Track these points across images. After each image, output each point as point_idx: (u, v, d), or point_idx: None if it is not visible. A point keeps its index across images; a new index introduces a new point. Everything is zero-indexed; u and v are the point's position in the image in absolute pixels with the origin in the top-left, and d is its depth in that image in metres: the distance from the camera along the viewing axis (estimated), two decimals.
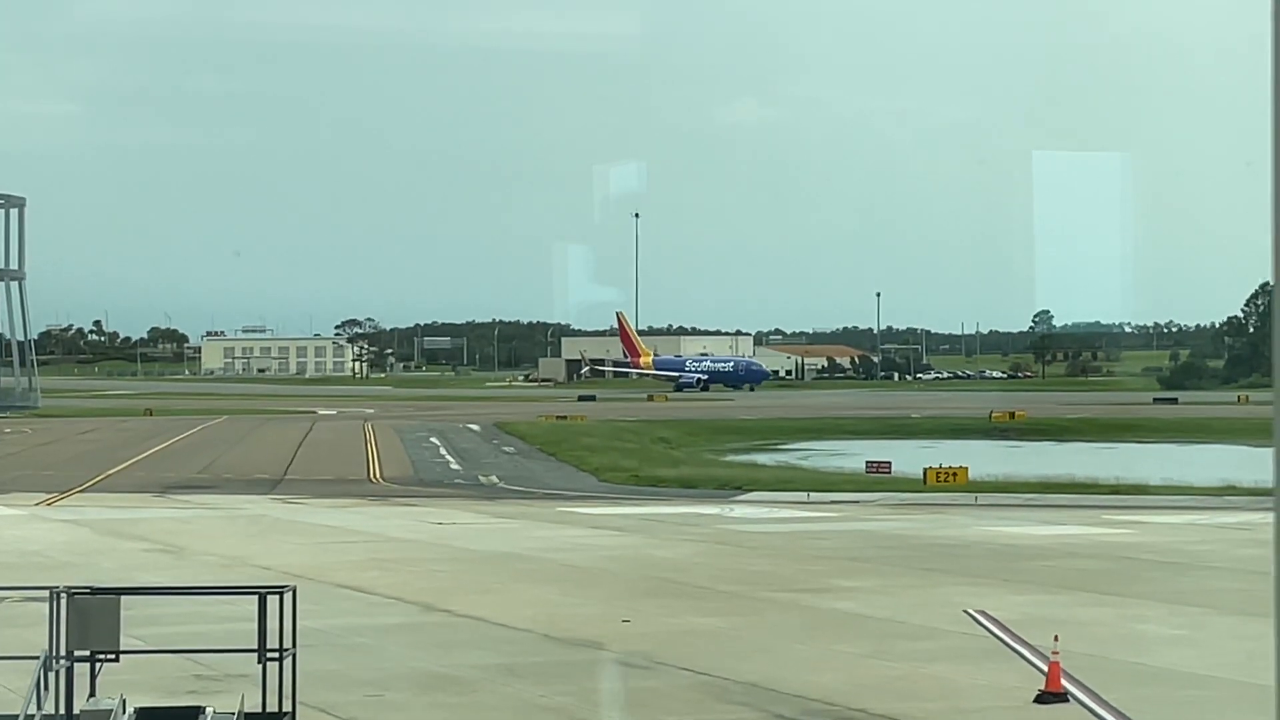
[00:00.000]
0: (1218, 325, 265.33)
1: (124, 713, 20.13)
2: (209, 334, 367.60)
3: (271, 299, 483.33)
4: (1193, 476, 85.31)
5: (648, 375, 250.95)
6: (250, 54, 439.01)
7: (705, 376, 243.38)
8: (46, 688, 20.38)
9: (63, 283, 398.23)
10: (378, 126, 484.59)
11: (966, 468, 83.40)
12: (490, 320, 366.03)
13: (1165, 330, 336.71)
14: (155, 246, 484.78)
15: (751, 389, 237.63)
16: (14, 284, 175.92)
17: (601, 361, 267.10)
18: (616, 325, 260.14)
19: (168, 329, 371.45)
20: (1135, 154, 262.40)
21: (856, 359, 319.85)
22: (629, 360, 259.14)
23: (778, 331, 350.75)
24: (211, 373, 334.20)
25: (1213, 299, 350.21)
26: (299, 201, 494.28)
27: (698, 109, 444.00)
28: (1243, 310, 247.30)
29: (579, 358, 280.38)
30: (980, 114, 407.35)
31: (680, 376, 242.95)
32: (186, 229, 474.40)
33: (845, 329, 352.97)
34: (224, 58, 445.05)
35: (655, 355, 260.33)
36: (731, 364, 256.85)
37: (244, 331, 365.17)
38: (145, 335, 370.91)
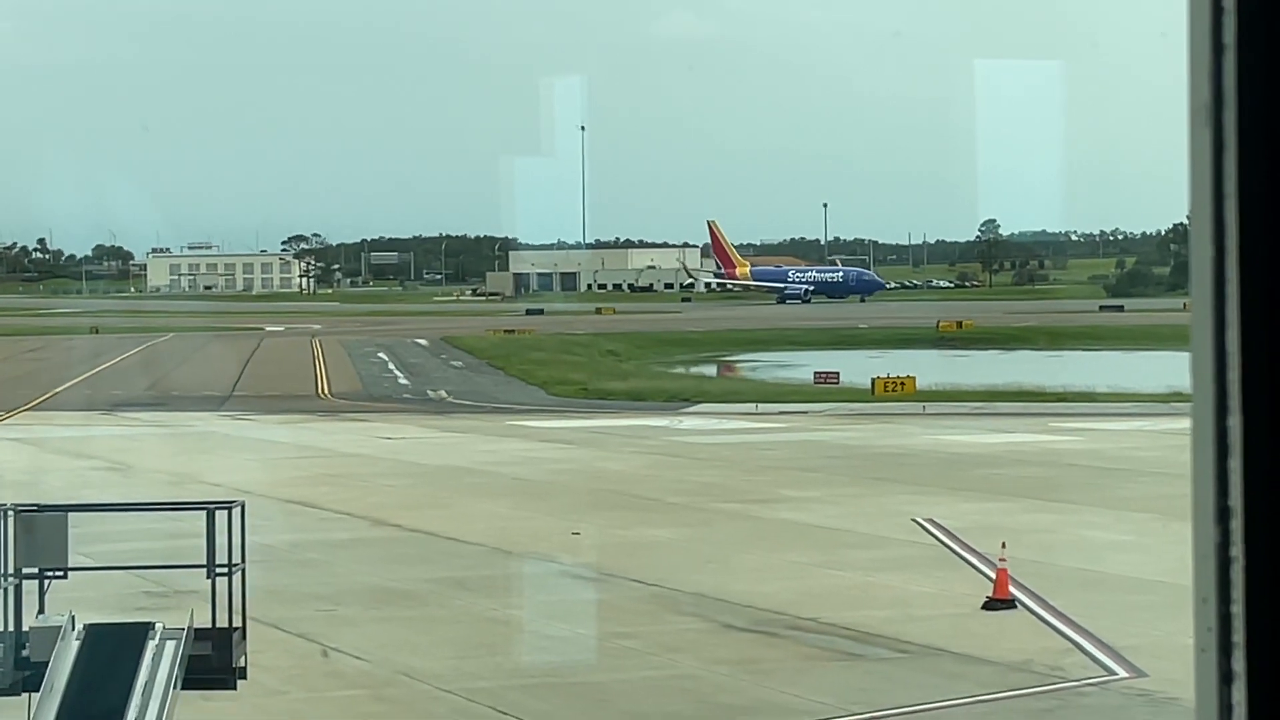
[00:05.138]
0: (1163, 232, 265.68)
1: (73, 629, 20.05)
2: (154, 251, 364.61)
3: (217, 215, 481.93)
4: (1139, 383, 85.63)
5: (750, 287, 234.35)
6: None
7: (811, 288, 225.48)
8: None
9: (4, 201, 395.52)
10: (319, 42, 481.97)
11: (914, 377, 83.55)
12: (437, 235, 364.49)
13: (1111, 238, 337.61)
14: (98, 163, 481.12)
15: (862, 300, 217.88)
16: None
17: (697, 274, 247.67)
18: (709, 236, 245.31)
19: (113, 246, 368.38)
20: (1078, 62, 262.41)
21: None
22: (723, 271, 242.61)
23: None
24: (157, 290, 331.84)
25: (1158, 206, 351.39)
26: (243, 117, 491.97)
27: (632, 22, 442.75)
28: (1188, 217, 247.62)
29: (680, 267, 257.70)
30: (921, 24, 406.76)
31: (786, 288, 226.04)
32: (129, 145, 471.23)
33: (792, 240, 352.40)
34: None
35: (753, 266, 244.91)
36: (840, 274, 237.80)
37: (190, 248, 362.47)
38: (90, 253, 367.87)
